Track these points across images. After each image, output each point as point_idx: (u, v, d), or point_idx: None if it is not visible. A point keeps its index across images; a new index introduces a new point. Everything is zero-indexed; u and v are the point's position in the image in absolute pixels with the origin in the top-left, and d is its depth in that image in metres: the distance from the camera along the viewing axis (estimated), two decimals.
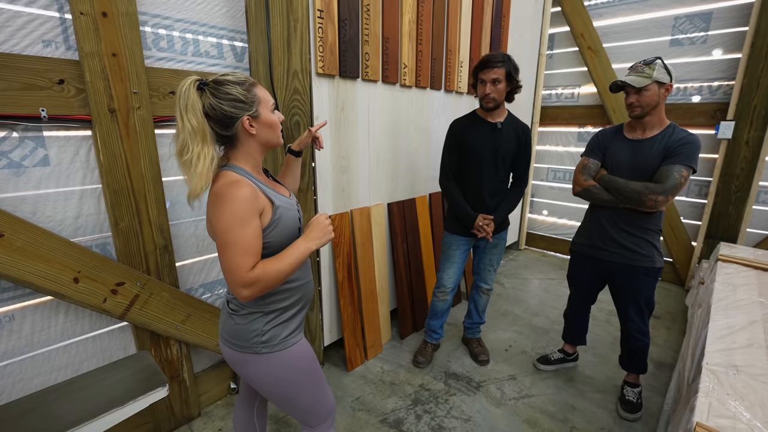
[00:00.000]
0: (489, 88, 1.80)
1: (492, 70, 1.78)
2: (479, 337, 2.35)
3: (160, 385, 0.89)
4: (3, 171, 1.25)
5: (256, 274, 0.94)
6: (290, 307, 1.11)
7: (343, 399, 1.96)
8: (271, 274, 0.96)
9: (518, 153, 1.95)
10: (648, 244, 1.71)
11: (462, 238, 2.07)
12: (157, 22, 1.49)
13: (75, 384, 0.93)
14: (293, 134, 1.77)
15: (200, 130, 0.94)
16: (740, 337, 1.45)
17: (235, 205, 0.93)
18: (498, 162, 1.93)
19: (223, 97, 0.95)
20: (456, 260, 2.11)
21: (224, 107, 0.96)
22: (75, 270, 1.35)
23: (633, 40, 3.32)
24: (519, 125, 1.95)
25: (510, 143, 1.91)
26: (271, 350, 1.07)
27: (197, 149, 0.94)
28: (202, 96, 0.95)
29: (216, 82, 0.97)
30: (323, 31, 1.79)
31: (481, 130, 1.92)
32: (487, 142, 1.90)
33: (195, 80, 0.95)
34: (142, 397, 0.84)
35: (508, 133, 1.91)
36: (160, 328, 1.59)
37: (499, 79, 1.78)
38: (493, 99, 1.82)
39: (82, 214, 1.43)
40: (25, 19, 1.23)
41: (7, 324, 1.32)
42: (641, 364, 1.89)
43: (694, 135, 1.61)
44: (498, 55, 1.81)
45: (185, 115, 0.93)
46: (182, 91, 0.93)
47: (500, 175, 1.96)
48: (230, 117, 0.97)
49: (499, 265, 2.18)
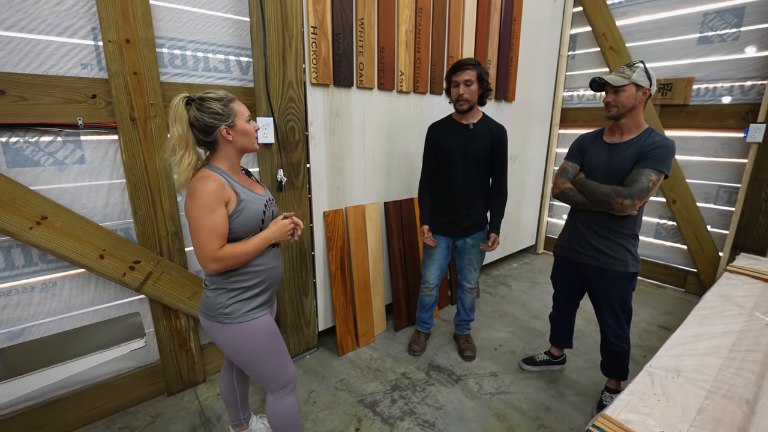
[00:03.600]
0: (462, 89, 1.91)
1: (465, 72, 1.89)
2: (468, 334, 2.43)
3: (138, 337, 1.12)
4: (50, 167, 1.59)
5: (222, 253, 1.19)
6: (252, 287, 1.32)
7: (329, 379, 2.15)
8: (236, 253, 1.21)
9: (493, 154, 2.02)
10: (622, 249, 1.71)
11: (440, 238, 2.18)
12: (173, 44, 1.77)
13: (85, 330, 1.20)
14: (288, 138, 1.99)
15: (185, 137, 1.19)
16: (703, 345, 1.43)
17: (204, 195, 1.17)
18: (471, 163, 2.02)
19: (205, 110, 1.19)
20: (437, 258, 2.22)
21: (206, 119, 1.19)
22: (101, 248, 1.67)
23: (658, 38, 3.17)
24: (493, 126, 2.03)
25: (483, 144, 2.00)
26: (232, 321, 1.28)
27: (182, 152, 1.19)
28: (189, 110, 1.19)
29: (200, 99, 1.20)
30: (317, 45, 1.99)
31: (455, 132, 2.04)
32: (459, 144, 2.01)
33: (184, 97, 1.19)
34: (123, 344, 1.08)
35: (481, 134, 2.00)
36: (170, 301, 1.87)
37: (471, 81, 1.90)
38: (467, 100, 1.93)
39: (110, 203, 1.75)
40: (68, 48, 1.55)
41: (51, 288, 1.67)
42: (620, 370, 1.87)
43: (669, 140, 1.60)
44: (469, 59, 1.95)
45: (174, 125, 1.19)
46: (173, 105, 1.18)
47: (475, 176, 2.05)
48: (210, 127, 1.20)
49: (480, 264, 2.25)
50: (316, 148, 2.13)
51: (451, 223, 2.12)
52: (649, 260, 3.49)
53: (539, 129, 3.73)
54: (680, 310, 2.97)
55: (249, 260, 1.27)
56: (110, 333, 1.18)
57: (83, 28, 1.56)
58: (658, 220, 3.42)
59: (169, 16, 1.74)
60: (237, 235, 1.24)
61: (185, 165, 1.19)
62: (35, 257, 1.62)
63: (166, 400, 1.97)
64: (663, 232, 3.41)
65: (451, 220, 2.12)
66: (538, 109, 3.62)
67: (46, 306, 1.67)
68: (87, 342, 1.12)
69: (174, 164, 1.20)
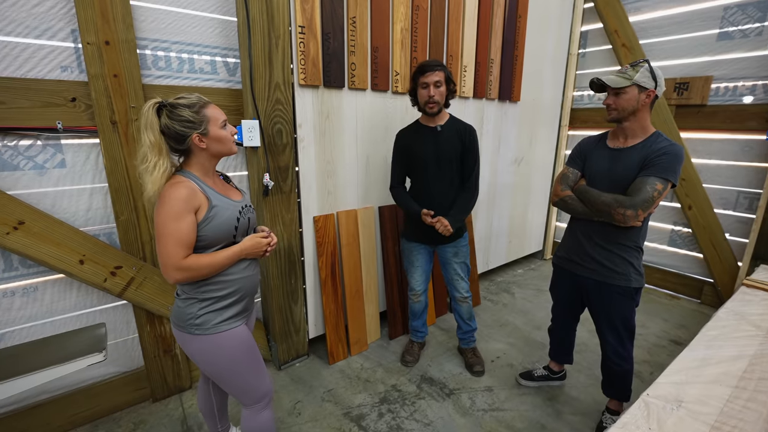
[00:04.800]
0: (432, 90, 1.84)
1: (434, 73, 1.83)
2: (474, 346, 2.32)
3: (98, 351, 1.08)
4: (30, 171, 1.57)
5: (187, 263, 1.14)
6: (225, 297, 1.26)
7: (316, 389, 2.09)
8: (201, 264, 1.16)
9: (463, 154, 1.95)
10: (624, 262, 1.59)
11: (419, 245, 2.11)
12: (156, 46, 1.74)
13: (47, 341, 1.17)
14: (275, 141, 1.93)
15: (156, 145, 1.14)
16: (710, 371, 1.30)
17: (171, 202, 1.12)
18: (442, 165, 1.95)
19: (176, 118, 1.14)
20: (419, 264, 2.14)
21: (177, 127, 1.14)
22: (81, 253, 1.64)
23: (674, 35, 3.00)
24: (461, 127, 1.96)
25: (453, 145, 1.93)
26: (203, 333, 1.23)
27: (154, 160, 1.14)
28: (161, 116, 1.14)
29: (171, 105, 1.15)
30: (305, 45, 1.92)
31: (423, 136, 1.97)
32: (428, 147, 1.95)
33: (155, 103, 1.14)
34: (81, 359, 1.04)
35: (450, 135, 1.94)
36: (153, 307, 1.85)
37: (440, 82, 1.84)
38: (437, 102, 1.87)
39: (92, 207, 1.72)
40: (48, 50, 1.53)
41: (32, 293, 1.66)
42: (622, 390, 1.75)
43: (676, 145, 1.47)
44: (434, 60, 1.90)
45: (145, 132, 1.13)
46: (143, 112, 1.13)
47: (447, 179, 1.97)
48: (182, 135, 1.15)
49: (467, 272, 2.15)
50: (305, 151, 2.06)
51: (428, 229, 2.01)
52: (661, 268, 3.32)
53: (546, 130, 3.59)
54: (694, 323, 2.80)
55: (215, 273, 1.21)
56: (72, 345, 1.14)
57: (63, 30, 1.54)
58: (672, 227, 3.24)
59: (152, 17, 1.70)
60: (208, 242, 1.19)
61: (158, 173, 1.13)
62: (15, 262, 1.60)
63: (150, 407, 1.95)
64: (677, 239, 3.23)
65: (429, 229, 2.00)
66: (545, 109, 3.47)
67: (27, 311, 1.66)
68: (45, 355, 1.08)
69: (145, 173, 1.14)
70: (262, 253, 1.32)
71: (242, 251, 1.25)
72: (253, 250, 1.28)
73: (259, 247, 1.30)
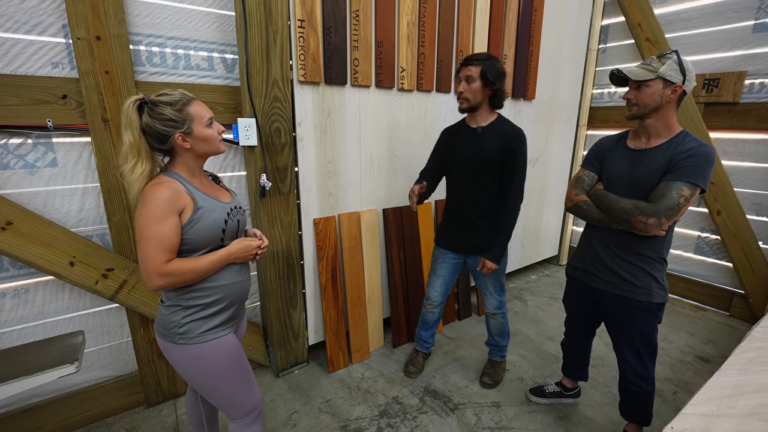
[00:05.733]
0: (462, 86, 1.71)
1: (467, 68, 1.69)
2: (495, 359, 2.18)
3: (69, 363, 1.02)
4: (20, 171, 1.53)
5: (170, 268, 1.06)
6: (212, 304, 1.18)
7: (314, 399, 2.00)
8: (185, 269, 1.09)
9: (504, 161, 1.76)
10: (645, 275, 1.44)
11: (447, 253, 1.97)
12: (150, 41, 1.68)
13: (20, 350, 1.11)
14: (273, 140, 1.85)
15: (137, 145, 1.07)
16: (745, 402, 1.15)
17: (153, 203, 1.04)
18: (476, 170, 1.79)
19: (156, 117, 1.06)
20: (441, 274, 2.01)
21: (158, 126, 1.06)
22: (71, 255, 1.60)
23: (704, 27, 2.80)
24: (507, 130, 1.76)
25: (491, 149, 1.75)
26: (188, 342, 1.15)
27: (134, 160, 1.07)
28: (142, 114, 1.07)
29: (152, 102, 1.08)
30: (305, 39, 1.84)
31: (463, 136, 1.83)
32: (465, 148, 1.80)
33: (136, 100, 1.07)
34: (51, 370, 0.98)
35: (491, 139, 1.75)
36: (146, 311, 1.79)
37: (472, 77, 1.67)
38: (466, 99, 1.72)
39: (85, 207, 1.68)
40: (38, 46, 1.48)
41: (23, 295, 1.62)
42: (641, 414, 1.60)
43: (707, 146, 1.32)
44: (479, 54, 1.71)
45: (125, 131, 1.06)
46: (124, 110, 1.06)
47: (481, 185, 1.81)
48: (163, 134, 1.08)
49: (497, 288, 1.98)
50: (305, 150, 1.98)
51: (456, 237, 1.91)
52: (686, 278, 3.10)
53: (564, 129, 3.41)
54: (723, 337, 2.59)
55: (201, 279, 1.13)
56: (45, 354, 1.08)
57: (53, 25, 1.49)
58: (699, 233, 3.02)
59: (146, 12, 1.64)
60: (193, 246, 1.12)
61: (137, 174, 1.07)
62: (6, 263, 1.57)
63: (144, 412, 1.90)
64: (704, 246, 3.01)
65: (457, 233, 1.91)
66: (562, 107, 3.30)
67: (18, 312, 1.63)
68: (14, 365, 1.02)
69: (125, 173, 1.08)
70: (251, 257, 1.24)
71: (230, 255, 1.18)
72: (241, 254, 1.20)
73: (248, 251, 1.22)
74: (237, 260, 1.21)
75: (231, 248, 1.18)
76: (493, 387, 2.09)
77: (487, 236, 1.84)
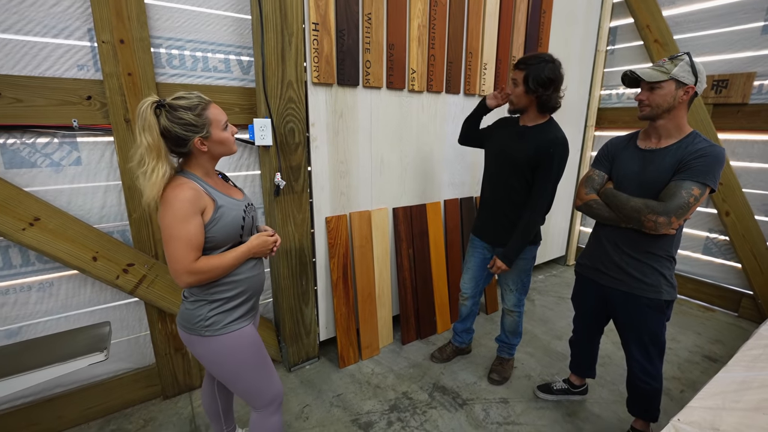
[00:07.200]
0: (509, 88, 1.76)
1: (514, 71, 1.72)
2: (504, 356, 2.20)
3: (99, 351, 1.07)
4: (46, 169, 1.59)
5: (198, 266, 1.11)
6: (234, 297, 1.23)
7: (325, 393, 2.04)
8: (212, 266, 1.14)
9: (537, 165, 1.73)
10: (655, 272, 1.46)
11: (478, 243, 2.03)
12: (170, 44, 1.73)
13: (49, 339, 1.17)
14: (287, 140, 1.90)
15: (155, 147, 1.07)
16: (751, 397, 1.18)
17: (177, 205, 1.08)
18: (504, 169, 1.82)
19: (176, 121, 1.08)
20: (471, 266, 2.07)
21: (177, 130, 1.08)
22: (94, 250, 1.66)
23: (713, 29, 2.80)
24: (548, 135, 1.71)
25: (525, 150, 1.74)
26: (213, 334, 1.20)
27: (152, 163, 1.07)
28: (159, 117, 1.08)
29: (170, 106, 1.08)
30: (318, 42, 1.88)
31: (505, 130, 1.88)
32: (502, 142, 1.85)
33: (152, 102, 1.07)
34: (81, 358, 1.03)
35: (530, 140, 1.74)
36: (164, 305, 1.85)
37: (516, 81, 1.71)
38: (511, 101, 1.77)
39: (107, 204, 1.74)
40: (65, 49, 1.54)
41: (48, 288, 1.68)
42: (649, 410, 1.63)
43: (717, 146, 1.34)
44: (529, 57, 1.68)
45: (143, 134, 1.07)
46: (140, 112, 1.06)
47: (506, 185, 1.82)
48: (183, 138, 1.10)
49: (518, 285, 1.99)
50: (317, 150, 2.03)
51: (484, 224, 1.98)
52: (695, 278, 3.11)
53: (572, 130, 3.43)
54: (731, 338, 2.60)
55: (224, 274, 1.18)
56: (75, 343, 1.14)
57: (79, 29, 1.55)
58: (707, 234, 3.03)
59: (167, 15, 1.70)
60: (216, 243, 1.16)
61: (157, 177, 1.07)
62: (32, 257, 1.63)
63: (161, 404, 1.96)
64: (713, 247, 3.02)
65: (484, 222, 1.98)
66: (570, 108, 3.32)
67: (43, 305, 1.69)
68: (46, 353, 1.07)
69: (142, 176, 1.08)
70: (268, 251, 1.29)
71: (250, 250, 1.22)
72: (260, 249, 1.25)
73: (266, 246, 1.27)
74: (256, 255, 1.26)
75: (251, 244, 1.23)
76: (501, 384, 2.12)
77: (511, 232, 1.85)
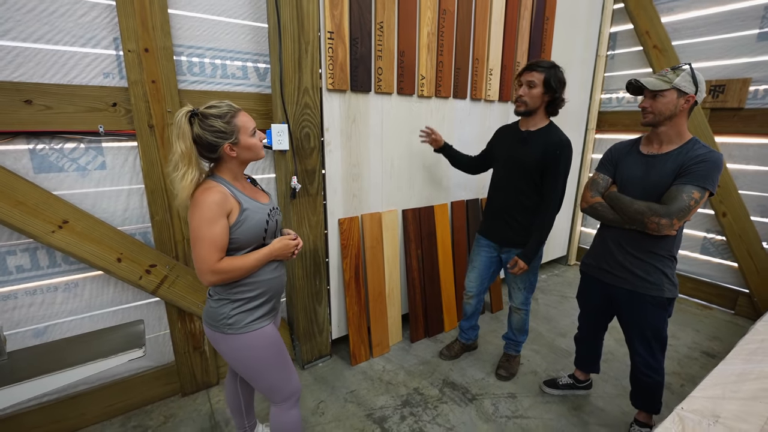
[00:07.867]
0: (523, 90, 1.79)
1: (530, 73, 1.76)
2: (510, 353, 2.28)
3: (137, 347, 1.13)
4: (73, 173, 1.65)
5: (222, 266, 1.18)
6: (255, 297, 1.29)
7: (339, 389, 2.11)
8: (234, 267, 1.20)
9: (545, 167, 1.80)
10: (657, 271, 1.54)
11: (484, 242, 2.09)
12: (191, 52, 1.79)
13: (85, 338, 1.22)
14: (303, 144, 1.97)
15: (188, 154, 1.15)
16: (749, 387, 1.26)
17: (205, 207, 1.15)
18: (513, 173, 1.88)
19: (207, 128, 1.15)
20: (477, 265, 2.13)
21: (209, 137, 1.16)
22: (118, 251, 1.71)
23: (710, 35, 2.89)
24: (552, 137, 1.79)
25: (532, 154, 1.80)
26: (236, 332, 1.27)
27: (184, 169, 1.15)
28: (193, 125, 1.16)
29: (203, 115, 1.16)
30: (333, 50, 1.95)
31: (511, 137, 1.94)
32: (508, 149, 1.92)
33: (187, 112, 1.15)
34: (122, 354, 1.09)
35: (535, 144, 1.81)
36: (184, 305, 1.91)
37: (534, 83, 1.75)
38: (524, 102, 1.79)
39: (129, 207, 1.80)
40: (92, 58, 1.60)
41: (73, 288, 1.74)
42: (652, 402, 1.70)
43: (715, 152, 1.42)
44: (544, 61, 1.77)
45: (178, 141, 1.15)
46: (176, 121, 1.15)
47: (515, 189, 1.89)
48: (214, 145, 1.17)
49: (526, 285, 2.06)
50: (331, 154, 2.09)
51: (491, 225, 2.05)
52: (693, 277, 3.20)
53: (573, 133, 3.51)
54: (728, 334, 2.69)
55: (246, 275, 1.25)
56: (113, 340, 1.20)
57: (105, 38, 1.61)
58: (705, 234, 3.12)
59: (188, 25, 1.76)
60: (239, 244, 1.23)
61: (187, 182, 1.15)
62: (59, 258, 1.68)
63: (180, 401, 2.01)
64: (710, 247, 3.11)
65: (491, 222, 2.05)
66: (572, 112, 3.40)
67: (69, 305, 1.74)
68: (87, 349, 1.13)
69: (175, 180, 1.16)
70: (289, 255, 1.35)
71: (272, 253, 1.28)
72: (281, 252, 1.31)
73: (287, 249, 1.33)
74: (277, 258, 1.32)
75: (273, 246, 1.29)
76: (508, 379, 2.20)
77: (520, 233, 1.92)
